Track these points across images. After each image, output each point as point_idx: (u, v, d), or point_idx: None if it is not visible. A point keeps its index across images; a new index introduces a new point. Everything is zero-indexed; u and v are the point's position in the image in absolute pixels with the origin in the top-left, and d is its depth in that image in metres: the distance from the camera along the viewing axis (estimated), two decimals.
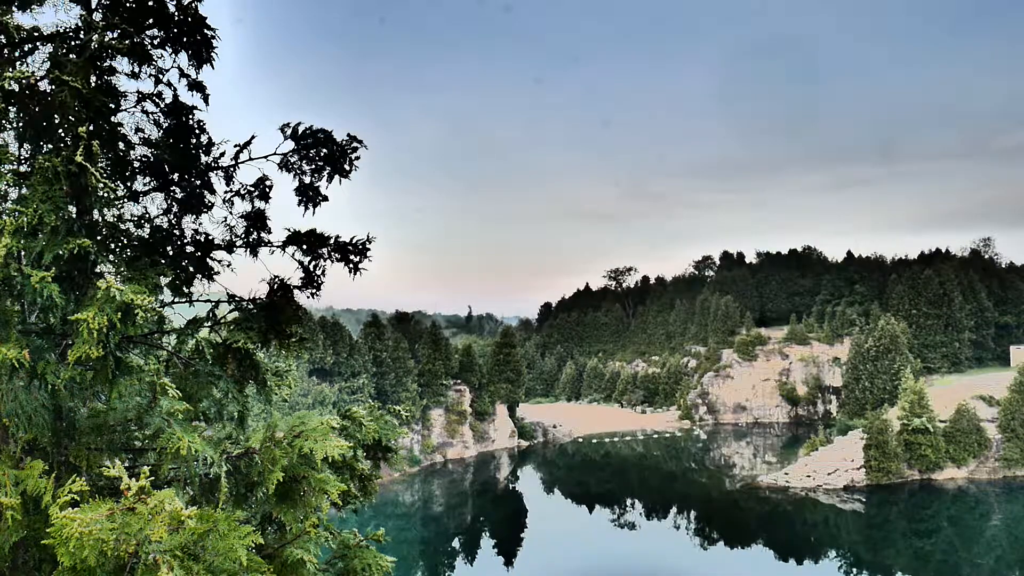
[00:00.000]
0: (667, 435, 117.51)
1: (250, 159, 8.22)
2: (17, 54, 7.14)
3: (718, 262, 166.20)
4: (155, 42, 7.67)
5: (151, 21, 7.58)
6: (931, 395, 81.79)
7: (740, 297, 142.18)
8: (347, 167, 8.44)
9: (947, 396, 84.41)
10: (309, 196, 8.45)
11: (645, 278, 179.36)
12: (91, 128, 6.84)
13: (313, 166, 8.39)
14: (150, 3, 7.53)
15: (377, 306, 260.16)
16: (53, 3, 7.25)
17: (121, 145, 7.63)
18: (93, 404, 7.52)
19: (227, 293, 8.24)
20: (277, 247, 8.37)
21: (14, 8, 7.21)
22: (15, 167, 6.86)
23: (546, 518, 74.51)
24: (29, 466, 6.35)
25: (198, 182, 8.11)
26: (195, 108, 8.05)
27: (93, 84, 7.06)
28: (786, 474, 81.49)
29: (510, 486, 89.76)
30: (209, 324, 8.20)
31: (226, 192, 8.32)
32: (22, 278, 6.24)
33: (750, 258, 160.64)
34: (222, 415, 8.46)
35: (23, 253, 6.38)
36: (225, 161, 8.21)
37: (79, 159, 6.26)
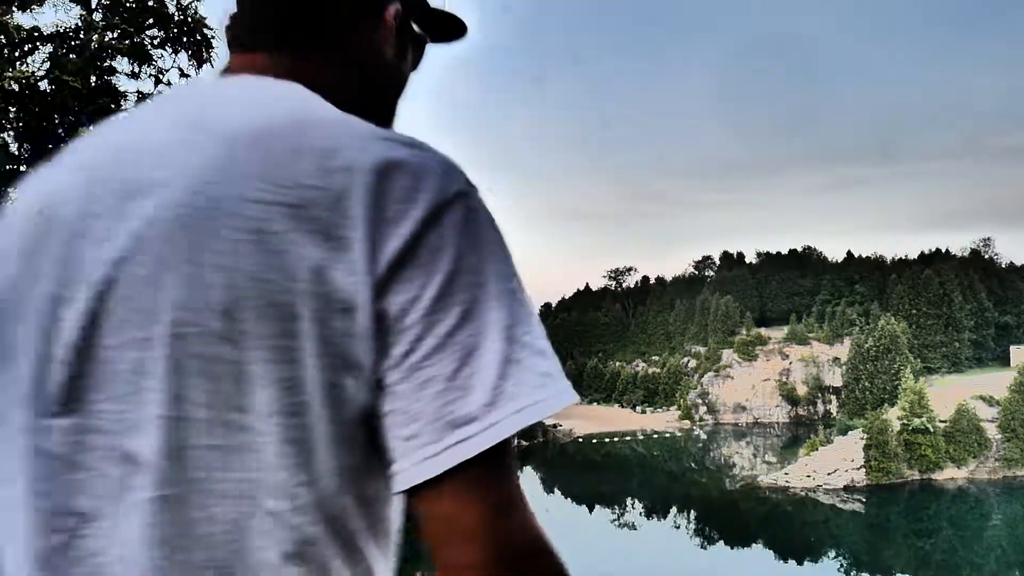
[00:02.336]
0: (667, 435, 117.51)
1: None
2: (17, 54, 7.14)
3: (718, 262, 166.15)
4: (155, 42, 7.67)
5: (151, 21, 7.58)
6: (931, 395, 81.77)
7: (740, 297, 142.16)
8: None
9: (947, 396, 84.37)
10: None
11: (645, 278, 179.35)
12: (91, 128, 6.83)
13: None
14: (150, 3, 7.53)
15: None
16: (53, 3, 7.26)
17: None
18: None
19: None
20: None
21: (14, 8, 7.22)
22: (15, 167, 6.86)
23: (545, 518, 74.05)
24: None
25: None
26: None
27: (93, 84, 7.06)
28: (786, 474, 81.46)
29: None
30: None
31: None
32: None
33: (750, 258, 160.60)
34: None
35: None
36: None
37: None
